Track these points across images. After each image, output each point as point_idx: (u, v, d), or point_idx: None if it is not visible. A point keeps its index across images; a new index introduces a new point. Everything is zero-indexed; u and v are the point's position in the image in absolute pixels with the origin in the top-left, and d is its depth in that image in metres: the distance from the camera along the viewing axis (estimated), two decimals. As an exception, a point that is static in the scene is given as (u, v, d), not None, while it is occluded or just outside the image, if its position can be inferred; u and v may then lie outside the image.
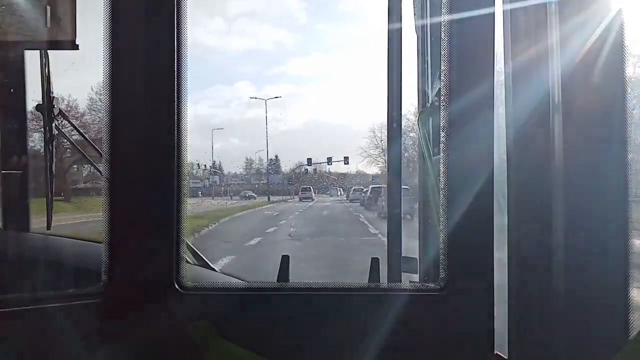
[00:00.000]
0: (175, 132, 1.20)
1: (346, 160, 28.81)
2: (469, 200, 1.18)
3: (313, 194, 33.57)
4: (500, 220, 1.20)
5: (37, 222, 2.04)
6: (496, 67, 1.20)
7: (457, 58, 1.19)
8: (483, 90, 1.18)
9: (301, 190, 32.97)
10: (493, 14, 1.19)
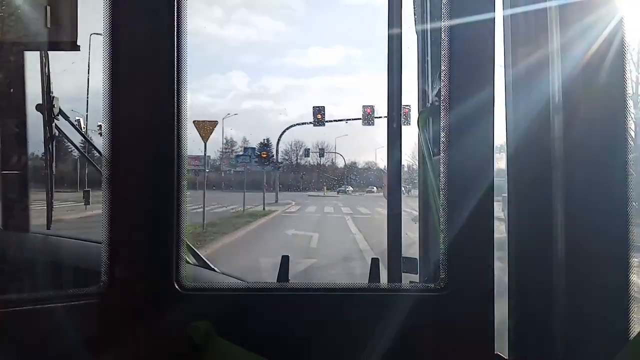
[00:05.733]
0: (176, 133, 1.20)
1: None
2: (469, 200, 1.18)
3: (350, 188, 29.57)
4: (500, 221, 1.20)
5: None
6: (496, 68, 1.20)
7: (457, 58, 1.19)
8: (483, 90, 1.18)
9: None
10: (493, 16, 1.19)
